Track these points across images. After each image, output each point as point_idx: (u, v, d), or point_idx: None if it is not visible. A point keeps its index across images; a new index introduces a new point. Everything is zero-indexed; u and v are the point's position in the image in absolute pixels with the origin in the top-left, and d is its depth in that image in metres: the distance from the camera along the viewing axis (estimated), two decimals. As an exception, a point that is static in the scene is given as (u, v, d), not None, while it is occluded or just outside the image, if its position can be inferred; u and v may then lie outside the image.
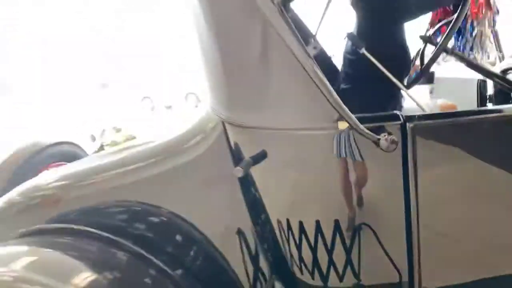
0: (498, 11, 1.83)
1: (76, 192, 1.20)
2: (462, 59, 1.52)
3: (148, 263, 1.04)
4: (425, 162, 0.95)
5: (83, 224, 1.10)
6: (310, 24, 1.70)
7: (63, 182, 1.23)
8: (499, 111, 1.07)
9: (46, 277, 0.90)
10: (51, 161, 1.80)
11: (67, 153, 1.90)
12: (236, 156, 1.06)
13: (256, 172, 1.04)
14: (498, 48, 1.74)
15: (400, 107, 1.57)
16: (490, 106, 1.71)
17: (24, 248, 1.04)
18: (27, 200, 1.23)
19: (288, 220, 1.04)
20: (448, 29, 1.38)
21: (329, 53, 1.76)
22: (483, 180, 0.98)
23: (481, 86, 1.75)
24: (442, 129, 0.97)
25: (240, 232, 1.11)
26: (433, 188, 0.97)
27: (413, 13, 1.53)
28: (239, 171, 0.93)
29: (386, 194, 1.00)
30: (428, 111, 1.23)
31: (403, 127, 0.93)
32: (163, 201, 1.12)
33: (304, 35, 1.60)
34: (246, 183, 1.08)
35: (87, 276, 0.94)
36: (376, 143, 0.91)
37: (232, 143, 1.07)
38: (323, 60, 1.65)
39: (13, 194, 1.27)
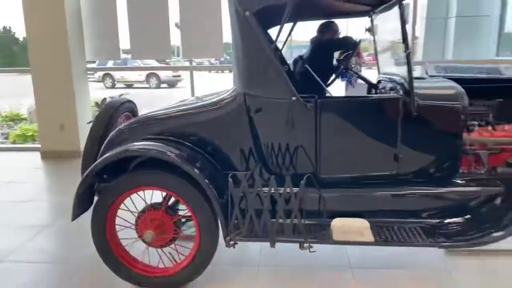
0: (364, 58, 3.38)
1: (164, 121, 2.52)
2: (357, 74, 2.99)
3: (195, 150, 2.39)
4: (324, 116, 2.35)
5: (168, 135, 2.44)
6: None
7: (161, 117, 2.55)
8: (366, 97, 2.53)
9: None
10: (124, 112, 3.04)
11: (129, 107, 3.14)
12: (248, 109, 2.41)
13: (256, 118, 2.39)
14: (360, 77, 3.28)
15: (322, 92, 2.99)
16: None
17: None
18: (140, 124, 2.54)
19: (269, 142, 2.41)
20: (345, 59, 2.82)
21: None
22: (353, 126, 2.39)
23: (369, 86, 3.21)
24: (333, 103, 2.39)
25: (249, 148, 2.45)
26: (327, 128, 2.37)
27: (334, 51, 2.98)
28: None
29: (308, 130, 2.39)
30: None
31: (317, 101, 2.33)
32: (210, 130, 2.46)
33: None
34: (251, 123, 2.42)
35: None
36: (306, 106, 2.30)
37: (246, 103, 2.42)
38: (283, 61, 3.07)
39: (129, 123, 2.56)
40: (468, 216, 2.38)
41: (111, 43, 5.83)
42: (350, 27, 5.73)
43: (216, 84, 6.96)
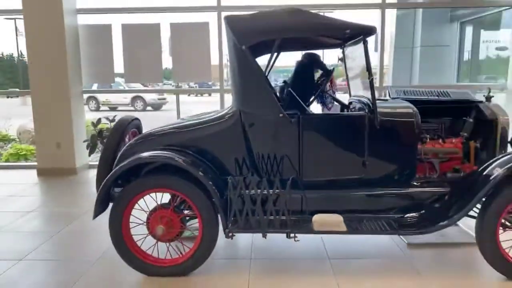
0: (336, 84, 4.00)
1: (169, 135, 3.00)
2: (331, 97, 3.56)
3: (198, 158, 2.87)
4: (305, 129, 2.87)
5: (173, 146, 2.91)
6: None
7: (166, 131, 3.02)
8: (339, 114, 3.09)
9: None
10: (132, 129, 3.49)
11: (136, 125, 3.60)
12: (243, 124, 2.91)
13: (249, 131, 2.90)
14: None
15: (304, 110, 3.53)
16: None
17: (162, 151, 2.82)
18: (149, 138, 3.00)
19: (260, 151, 2.91)
20: (321, 84, 3.39)
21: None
22: (329, 138, 2.92)
23: (342, 107, 3.78)
24: (313, 119, 2.93)
25: (243, 157, 2.94)
26: (308, 140, 2.89)
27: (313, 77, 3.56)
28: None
29: (292, 141, 2.89)
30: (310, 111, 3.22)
31: (299, 117, 2.86)
32: (210, 141, 2.94)
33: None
34: (246, 135, 2.92)
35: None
36: (291, 121, 2.83)
37: (242, 119, 2.92)
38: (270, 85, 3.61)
39: (138, 137, 3.03)
40: (422, 211, 2.92)
41: (106, 68, 6.30)
42: (327, 56, 6.36)
43: (196, 105, 7.47)
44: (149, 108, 18.62)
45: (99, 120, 6.24)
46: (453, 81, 8.41)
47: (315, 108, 4.08)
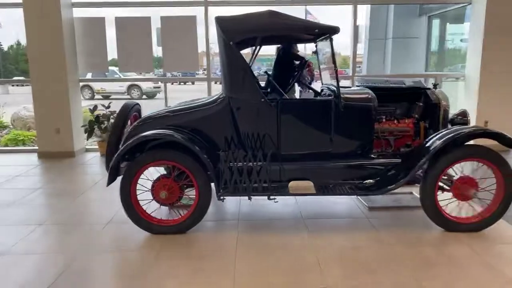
0: (314, 75, 4.62)
1: (168, 117, 3.57)
2: (305, 85, 4.18)
3: (192, 138, 3.44)
4: (282, 112, 3.48)
5: (173, 126, 3.48)
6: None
7: (165, 114, 3.59)
8: (311, 99, 3.71)
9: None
10: (133, 112, 4.04)
11: (137, 109, 4.15)
12: (231, 108, 3.50)
13: (236, 114, 3.49)
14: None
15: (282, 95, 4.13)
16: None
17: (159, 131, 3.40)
18: (151, 120, 3.57)
19: (245, 130, 3.50)
20: (297, 76, 4.00)
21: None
22: (302, 119, 3.53)
23: (315, 93, 4.39)
24: (289, 104, 3.54)
25: (231, 135, 3.54)
26: (285, 120, 3.50)
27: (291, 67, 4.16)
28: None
29: (272, 122, 3.50)
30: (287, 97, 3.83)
31: (278, 102, 3.47)
32: (204, 122, 3.52)
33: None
34: (233, 117, 3.51)
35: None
36: (271, 105, 3.43)
37: (230, 104, 3.51)
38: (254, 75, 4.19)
39: (141, 120, 3.59)
40: (378, 178, 3.57)
41: (100, 58, 6.77)
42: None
43: (185, 93, 7.96)
44: (144, 96, 18.94)
45: (95, 107, 6.74)
46: (422, 70, 9.12)
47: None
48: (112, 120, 6.64)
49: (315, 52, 4.41)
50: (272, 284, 2.69)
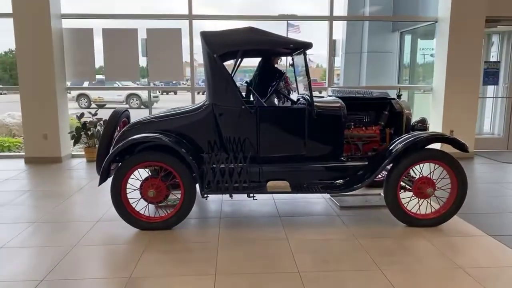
0: (291, 84, 5.02)
1: (156, 122, 3.88)
2: (283, 95, 4.56)
3: (179, 141, 3.76)
4: (261, 118, 3.84)
5: (160, 130, 3.80)
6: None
7: (153, 119, 3.90)
8: (286, 107, 4.08)
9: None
10: (123, 118, 4.34)
11: (126, 115, 4.44)
12: (214, 114, 3.83)
13: (219, 119, 3.83)
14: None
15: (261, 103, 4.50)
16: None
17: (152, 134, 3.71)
18: (139, 125, 3.87)
19: (228, 136, 3.84)
20: (275, 85, 4.38)
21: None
22: (279, 124, 3.89)
23: (291, 102, 4.77)
24: (267, 111, 3.91)
25: (215, 139, 3.87)
26: (264, 126, 3.85)
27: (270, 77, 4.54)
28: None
29: (252, 127, 3.85)
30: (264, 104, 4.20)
31: (257, 109, 3.83)
32: (189, 127, 3.85)
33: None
34: (217, 123, 3.85)
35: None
36: (250, 112, 3.79)
37: (214, 110, 3.85)
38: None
39: (131, 124, 3.89)
40: (347, 178, 3.95)
41: (87, 67, 7.04)
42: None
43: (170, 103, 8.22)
44: (142, 106, 19.12)
45: (82, 114, 6.98)
46: (395, 82, 9.65)
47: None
48: (98, 127, 6.89)
49: (292, 65, 4.80)
50: (251, 269, 3.01)
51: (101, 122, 6.95)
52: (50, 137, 6.74)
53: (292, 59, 4.67)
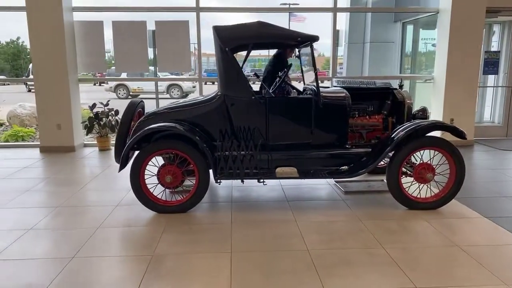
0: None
1: (169, 112, 4.12)
2: (290, 85, 4.78)
3: (192, 129, 4.00)
4: (270, 108, 4.07)
5: (175, 120, 4.03)
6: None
7: (169, 110, 4.14)
8: (294, 97, 4.32)
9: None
10: (138, 109, 4.57)
11: (142, 106, 4.68)
12: (226, 104, 4.07)
13: (230, 109, 4.06)
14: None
15: (270, 94, 4.72)
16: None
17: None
18: (156, 115, 4.11)
19: (238, 124, 4.07)
20: (283, 77, 4.60)
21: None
22: (287, 114, 4.12)
23: (298, 92, 4.99)
24: (276, 101, 4.14)
25: (226, 128, 4.11)
26: (273, 115, 4.09)
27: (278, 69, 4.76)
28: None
29: (261, 116, 4.08)
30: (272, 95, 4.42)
31: (266, 99, 4.06)
32: (203, 116, 4.09)
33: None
34: (228, 112, 4.08)
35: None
36: (260, 102, 4.02)
37: (225, 101, 4.08)
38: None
39: (147, 115, 4.13)
40: (352, 164, 4.19)
41: (98, 58, 7.25)
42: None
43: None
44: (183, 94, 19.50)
45: (94, 105, 7.22)
46: (397, 72, 9.84)
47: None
48: (110, 117, 7.13)
49: (298, 57, 5.01)
50: (264, 247, 3.27)
51: (113, 112, 7.18)
52: (63, 127, 6.98)
53: (299, 51, 4.88)
